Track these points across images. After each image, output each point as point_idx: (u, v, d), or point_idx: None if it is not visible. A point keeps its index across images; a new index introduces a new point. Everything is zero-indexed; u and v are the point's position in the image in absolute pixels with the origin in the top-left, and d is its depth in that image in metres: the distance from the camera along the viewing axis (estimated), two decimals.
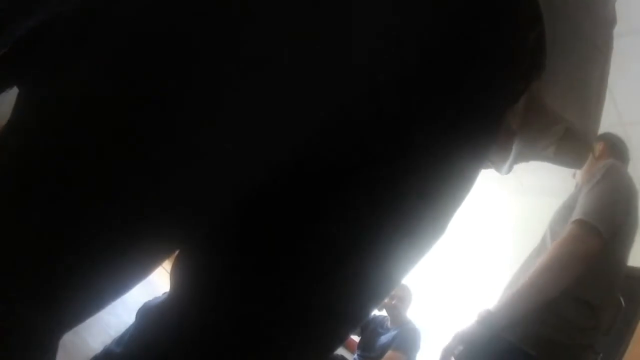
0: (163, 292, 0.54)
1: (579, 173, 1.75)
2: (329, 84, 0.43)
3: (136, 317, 0.54)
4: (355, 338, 3.61)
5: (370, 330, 3.49)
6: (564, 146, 0.62)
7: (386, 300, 3.39)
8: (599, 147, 1.76)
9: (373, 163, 0.47)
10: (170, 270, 0.54)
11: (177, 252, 0.54)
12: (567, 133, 0.60)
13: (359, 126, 0.47)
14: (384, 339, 3.35)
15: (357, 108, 0.46)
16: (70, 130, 0.38)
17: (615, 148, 1.77)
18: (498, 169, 0.65)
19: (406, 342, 3.26)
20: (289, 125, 0.43)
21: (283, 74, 0.40)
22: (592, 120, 0.59)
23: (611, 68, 0.61)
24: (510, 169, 0.64)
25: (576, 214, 1.47)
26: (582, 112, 0.56)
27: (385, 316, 3.53)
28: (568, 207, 1.60)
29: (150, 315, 0.54)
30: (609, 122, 3.19)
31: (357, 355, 3.44)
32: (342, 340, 0.54)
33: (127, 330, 0.51)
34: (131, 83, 0.38)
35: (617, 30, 0.62)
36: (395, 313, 3.41)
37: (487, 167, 0.64)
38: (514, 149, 0.61)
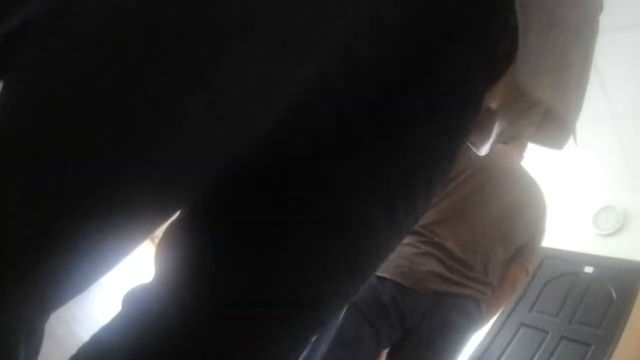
0: (149, 277, 0.54)
1: None
2: (308, 61, 0.43)
3: (122, 304, 0.54)
4: None
5: None
6: (545, 127, 0.63)
7: None
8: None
9: (351, 142, 0.48)
10: (154, 255, 0.53)
11: (160, 236, 0.54)
12: (548, 114, 0.62)
13: (334, 104, 0.47)
14: None
15: (333, 85, 0.46)
16: (50, 118, 0.38)
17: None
18: (477, 149, 0.67)
19: None
20: (268, 100, 0.42)
21: (261, 48, 0.39)
22: (573, 102, 0.60)
23: (604, 61, 0.63)
24: (491, 149, 0.66)
25: None
26: (562, 94, 0.57)
27: None
28: None
29: (136, 301, 0.53)
30: (600, 114, 3.21)
31: None
32: (326, 321, 0.54)
33: (114, 318, 0.50)
34: (107, 66, 0.37)
35: (611, 24, 0.62)
36: None
37: (466, 147, 0.65)
38: (495, 129, 0.63)
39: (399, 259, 1.70)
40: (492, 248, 1.74)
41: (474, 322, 1.72)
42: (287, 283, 0.49)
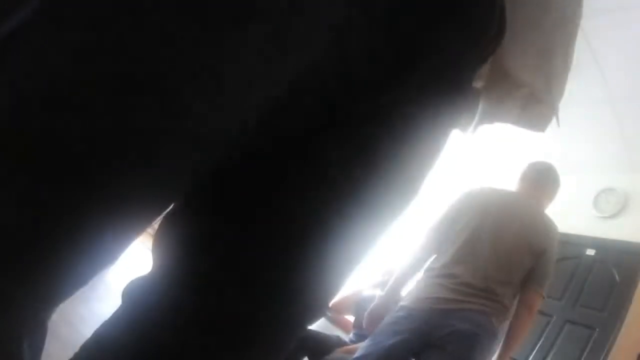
0: (146, 269, 0.54)
1: None
2: (302, 51, 0.43)
3: (122, 298, 0.54)
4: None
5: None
6: (529, 109, 0.64)
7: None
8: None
9: (342, 125, 0.48)
10: (152, 247, 0.53)
11: (156, 228, 0.54)
12: (531, 96, 0.63)
13: (328, 89, 0.47)
14: None
15: (326, 71, 0.46)
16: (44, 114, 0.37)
17: (524, 179, 2.26)
18: (463, 130, 0.68)
19: None
20: (259, 86, 0.42)
21: (258, 39, 0.40)
22: (556, 85, 0.61)
23: (601, 44, 0.64)
24: (475, 130, 0.67)
25: None
26: (546, 77, 0.59)
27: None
28: None
29: (135, 296, 0.53)
30: (599, 98, 3.20)
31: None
32: (322, 307, 0.54)
33: (114, 314, 0.51)
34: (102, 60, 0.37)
35: (608, 6, 0.63)
36: None
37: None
38: (480, 109, 0.64)
39: (415, 290, 2.07)
40: (500, 275, 1.96)
41: (484, 331, 1.91)
42: (285, 275, 0.49)
